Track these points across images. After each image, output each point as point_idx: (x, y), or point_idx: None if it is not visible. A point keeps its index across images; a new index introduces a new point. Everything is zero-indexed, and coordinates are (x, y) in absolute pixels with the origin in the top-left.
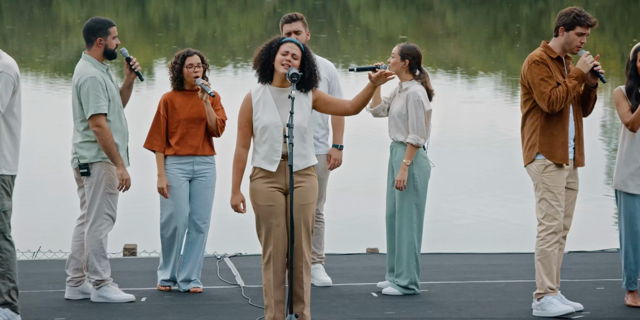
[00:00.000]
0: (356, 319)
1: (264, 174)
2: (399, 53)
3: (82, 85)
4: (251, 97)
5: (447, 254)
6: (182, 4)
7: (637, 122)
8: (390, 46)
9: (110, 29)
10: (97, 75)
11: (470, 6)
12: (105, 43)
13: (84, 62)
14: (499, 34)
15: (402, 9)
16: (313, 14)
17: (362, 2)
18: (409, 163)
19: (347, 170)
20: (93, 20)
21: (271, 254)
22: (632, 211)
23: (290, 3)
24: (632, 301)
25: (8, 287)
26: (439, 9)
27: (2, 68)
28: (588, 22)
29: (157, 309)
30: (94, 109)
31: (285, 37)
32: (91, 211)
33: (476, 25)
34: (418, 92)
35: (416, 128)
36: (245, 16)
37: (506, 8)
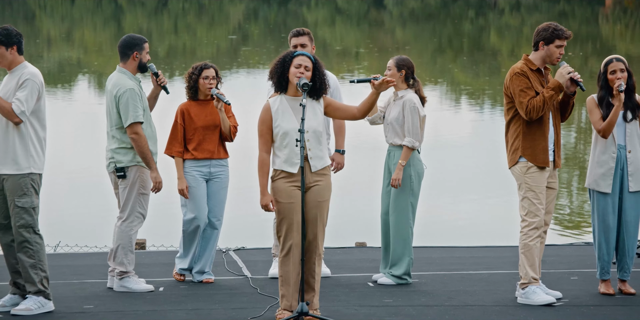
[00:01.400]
0: (358, 306)
1: (285, 175)
2: (395, 65)
3: (122, 96)
4: (270, 106)
5: (432, 247)
6: (155, 20)
7: (608, 130)
8: (345, 58)
9: (144, 44)
10: (135, 87)
11: (417, 22)
12: (140, 57)
13: (120, 74)
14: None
15: (356, 25)
16: (274, 30)
17: (319, 18)
18: (404, 164)
19: (340, 172)
20: (130, 36)
21: (291, 247)
22: (604, 208)
23: (253, 20)
24: (605, 289)
25: (40, 276)
26: (389, 25)
27: (29, 76)
28: (565, 35)
29: (175, 297)
30: (133, 118)
31: (297, 51)
32: (125, 209)
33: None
34: (413, 99)
35: (412, 132)
36: (213, 31)
37: (450, 24)
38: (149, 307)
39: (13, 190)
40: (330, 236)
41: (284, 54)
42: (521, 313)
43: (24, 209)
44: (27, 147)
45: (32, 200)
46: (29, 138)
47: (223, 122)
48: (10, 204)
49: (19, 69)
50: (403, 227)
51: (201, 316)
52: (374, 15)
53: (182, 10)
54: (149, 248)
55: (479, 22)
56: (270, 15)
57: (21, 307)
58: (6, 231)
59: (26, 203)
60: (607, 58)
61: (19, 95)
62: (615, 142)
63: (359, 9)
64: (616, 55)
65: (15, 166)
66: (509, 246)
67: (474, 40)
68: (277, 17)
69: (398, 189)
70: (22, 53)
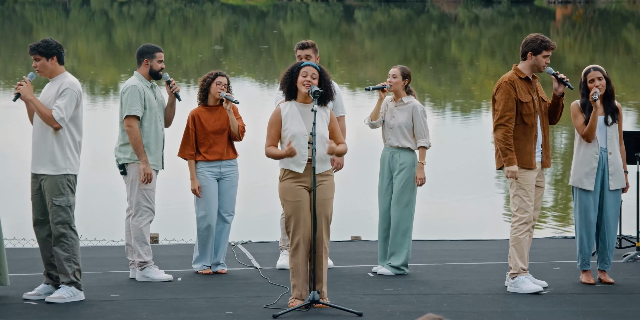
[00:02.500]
0: (362, 294)
1: (292, 175)
2: (401, 74)
3: (124, 93)
4: (280, 111)
5: (422, 240)
6: (143, 32)
7: (590, 134)
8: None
9: (156, 53)
10: (138, 85)
11: (385, 35)
12: (150, 64)
13: (133, 77)
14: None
15: (328, 37)
16: (254, 42)
17: (294, 31)
18: (425, 162)
19: (338, 172)
20: (144, 45)
21: (299, 242)
22: (587, 204)
23: (234, 32)
24: (586, 279)
25: (73, 269)
26: (359, 37)
27: (69, 85)
28: (551, 46)
29: (194, 287)
30: (127, 111)
31: (304, 62)
32: (132, 205)
33: (390, 50)
34: (420, 104)
35: (425, 133)
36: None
37: (414, 36)
38: (171, 296)
39: (51, 190)
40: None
41: (292, 65)
42: (512, 301)
43: (61, 207)
44: (64, 150)
45: (69, 199)
46: (66, 142)
47: (232, 123)
48: (49, 202)
49: (60, 78)
50: (405, 221)
51: (220, 304)
52: (344, 29)
53: (168, 23)
54: (161, 242)
55: (440, 34)
56: (250, 28)
57: (55, 296)
58: (42, 226)
59: (63, 202)
60: (586, 68)
61: (59, 103)
62: (598, 145)
63: (331, 22)
64: (594, 65)
65: (53, 167)
66: (493, 239)
67: (436, 52)
68: (256, 30)
69: (402, 186)
70: (63, 63)
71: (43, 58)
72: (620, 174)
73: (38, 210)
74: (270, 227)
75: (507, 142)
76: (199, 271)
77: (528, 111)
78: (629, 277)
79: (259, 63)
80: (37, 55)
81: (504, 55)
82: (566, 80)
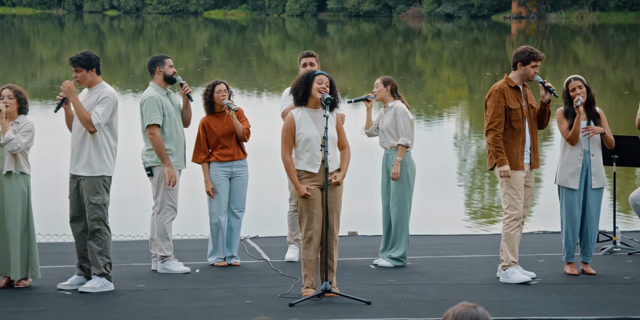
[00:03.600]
0: (367, 284)
1: (307, 175)
2: (382, 82)
3: (143, 104)
4: (293, 117)
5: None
6: (132, 44)
7: (574, 138)
8: (294, 77)
9: (165, 60)
10: (155, 96)
11: (354, 47)
12: (163, 71)
13: (149, 88)
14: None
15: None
16: (234, 53)
17: (272, 43)
18: (400, 159)
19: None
20: (153, 57)
21: (312, 235)
22: (572, 202)
23: (216, 44)
24: (570, 270)
25: (105, 262)
26: (331, 49)
27: (108, 95)
28: (539, 57)
29: (212, 278)
30: (148, 121)
31: (317, 71)
32: (157, 203)
33: (359, 61)
34: (402, 106)
35: (404, 132)
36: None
37: (382, 48)
38: (192, 286)
39: (88, 189)
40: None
41: (306, 73)
42: (505, 290)
43: (97, 205)
44: (100, 154)
45: (104, 198)
46: (102, 146)
47: (237, 127)
48: (86, 200)
49: (98, 87)
50: (402, 217)
51: (238, 293)
52: (318, 41)
53: (156, 36)
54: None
55: (406, 47)
56: (230, 41)
57: (87, 286)
58: (78, 223)
59: (98, 200)
60: (567, 78)
61: (98, 110)
62: (581, 148)
63: (306, 35)
64: (575, 75)
65: (90, 169)
66: (481, 234)
67: (402, 62)
68: (236, 42)
69: (398, 185)
70: (100, 74)
71: (84, 70)
72: (602, 174)
73: (75, 207)
74: (276, 223)
75: (497, 145)
76: (215, 264)
77: (516, 117)
78: (609, 268)
79: (239, 73)
80: (78, 68)
81: (464, 65)
82: (552, 89)
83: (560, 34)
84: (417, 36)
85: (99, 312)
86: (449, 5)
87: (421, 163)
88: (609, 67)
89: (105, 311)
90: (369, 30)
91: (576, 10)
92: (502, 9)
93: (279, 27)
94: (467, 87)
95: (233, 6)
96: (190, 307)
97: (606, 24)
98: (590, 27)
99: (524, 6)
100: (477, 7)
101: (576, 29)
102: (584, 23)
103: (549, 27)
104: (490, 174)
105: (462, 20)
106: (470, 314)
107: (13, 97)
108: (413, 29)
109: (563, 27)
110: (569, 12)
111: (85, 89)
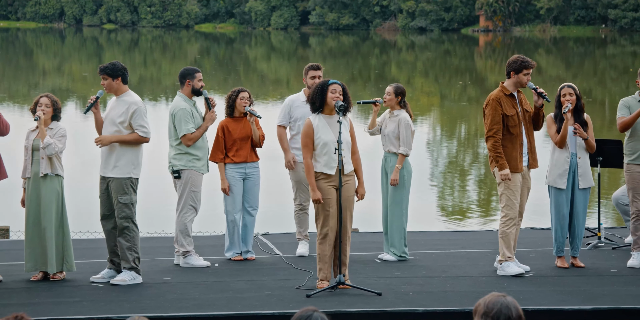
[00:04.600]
0: (376, 277)
1: (324, 177)
2: (394, 91)
3: (176, 115)
4: (311, 123)
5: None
6: (128, 55)
7: (562, 142)
8: (278, 86)
9: (196, 74)
10: (186, 107)
11: (335, 58)
12: (192, 84)
13: (178, 98)
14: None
15: (287, 60)
16: (223, 64)
17: (258, 54)
18: (400, 167)
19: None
20: (185, 68)
21: (327, 232)
22: (560, 201)
23: (206, 56)
24: (561, 264)
25: (134, 256)
26: (313, 60)
27: (137, 106)
28: (530, 65)
29: (231, 271)
30: (185, 131)
31: (331, 80)
32: (180, 203)
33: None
34: (407, 117)
35: (405, 142)
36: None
37: (360, 59)
38: (214, 279)
39: (117, 190)
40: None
41: (321, 83)
42: (503, 282)
43: (125, 204)
44: (128, 157)
45: (131, 198)
46: (129, 150)
47: (254, 133)
48: (115, 200)
49: (124, 96)
50: (399, 217)
51: (258, 285)
52: (301, 52)
53: (150, 48)
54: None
55: (382, 58)
56: (220, 52)
57: (118, 279)
58: (108, 220)
59: (126, 200)
60: (561, 85)
61: (138, 123)
62: (569, 150)
63: (289, 47)
64: (568, 83)
65: (119, 171)
66: (474, 231)
67: (378, 72)
68: (225, 53)
69: (395, 187)
70: (126, 83)
71: (110, 78)
72: (588, 175)
73: (105, 206)
74: (284, 221)
75: (497, 150)
76: (232, 258)
77: (513, 123)
78: (595, 261)
79: (227, 81)
80: (104, 76)
81: (436, 75)
82: (545, 95)
83: (524, 46)
84: (392, 48)
85: (132, 303)
86: (421, 19)
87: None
88: (569, 76)
89: (137, 302)
90: (348, 42)
91: (539, 24)
92: (470, 22)
93: (265, 40)
94: (439, 95)
95: (222, 20)
96: (215, 298)
97: (566, 36)
98: (552, 39)
99: (490, 20)
100: (447, 21)
101: (539, 41)
102: (546, 36)
103: (513, 39)
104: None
105: (434, 33)
106: (500, 302)
107: (50, 106)
108: (389, 41)
109: (527, 40)
110: (532, 26)
111: (113, 97)
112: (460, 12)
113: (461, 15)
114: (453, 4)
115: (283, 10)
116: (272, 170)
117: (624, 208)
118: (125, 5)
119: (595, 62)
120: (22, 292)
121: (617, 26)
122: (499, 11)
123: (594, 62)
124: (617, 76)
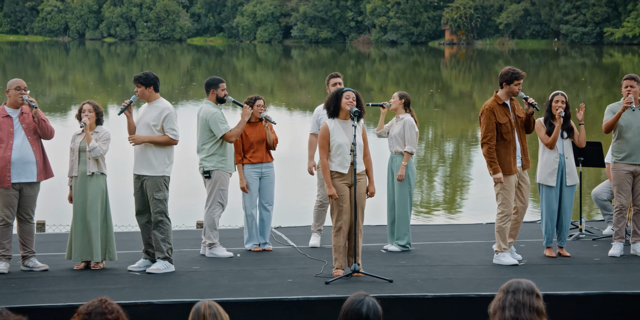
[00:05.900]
0: (384, 266)
1: (338, 175)
2: (398, 95)
3: (210, 119)
4: (327, 126)
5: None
6: (127, 66)
7: (552, 143)
8: (263, 94)
9: (220, 84)
10: (217, 112)
11: (314, 68)
12: (216, 93)
13: (206, 105)
14: None
15: (271, 70)
16: (213, 73)
17: (245, 65)
18: (406, 164)
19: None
20: (210, 78)
21: (341, 225)
22: (551, 197)
23: (197, 66)
24: (549, 253)
25: (167, 247)
26: (294, 70)
27: (169, 110)
28: (521, 76)
29: (252, 261)
30: (223, 130)
31: (344, 88)
32: (209, 200)
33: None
34: (411, 119)
35: (410, 142)
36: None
37: (338, 69)
38: (239, 268)
39: (152, 187)
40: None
41: (336, 91)
42: (500, 270)
43: (159, 200)
44: (161, 157)
45: (164, 194)
46: (162, 150)
47: (269, 137)
48: (150, 196)
49: (156, 102)
50: (404, 212)
51: (279, 273)
52: (284, 63)
53: (147, 59)
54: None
55: (357, 68)
56: (210, 63)
57: (153, 268)
58: (143, 215)
59: (160, 196)
60: (553, 92)
61: (169, 126)
62: (558, 151)
63: (273, 59)
64: (560, 91)
65: (153, 170)
66: (467, 224)
67: (354, 81)
68: (215, 64)
69: (401, 184)
70: (158, 91)
71: (142, 86)
72: (574, 174)
73: (139, 202)
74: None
75: (491, 156)
76: (252, 249)
77: (506, 130)
78: (580, 251)
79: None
80: (138, 84)
81: (406, 84)
82: (535, 104)
83: (485, 58)
84: (366, 59)
85: (169, 290)
86: (393, 33)
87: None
88: (526, 86)
89: (173, 289)
90: (327, 54)
91: (498, 38)
92: (437, 36)
93: (251, 52)
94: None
95: (212, 34)
96: (243, 285)
97: (523, 49)
98: (510, 52)
99: (455, 34)
100: (416, 35)
101: (498, 53)
102: (504, 48)
103: (476, 52)
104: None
105: (404, 46)
106: (516, 284)
107: (92, 111)
108: (363, 53)
109: (487, 52)
110: (492, 39)
111: (145, 104)
112: (428, 27)
113: (429, 29)
114: (421, 19)
115: (267, 25)
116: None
117: (603, 203)
118: (124, 20)
119: (549, 72)
120: (69, 279)
121: (569, 40)
122: (462, 26)
123: (548, 72)
124: (569, 84)
